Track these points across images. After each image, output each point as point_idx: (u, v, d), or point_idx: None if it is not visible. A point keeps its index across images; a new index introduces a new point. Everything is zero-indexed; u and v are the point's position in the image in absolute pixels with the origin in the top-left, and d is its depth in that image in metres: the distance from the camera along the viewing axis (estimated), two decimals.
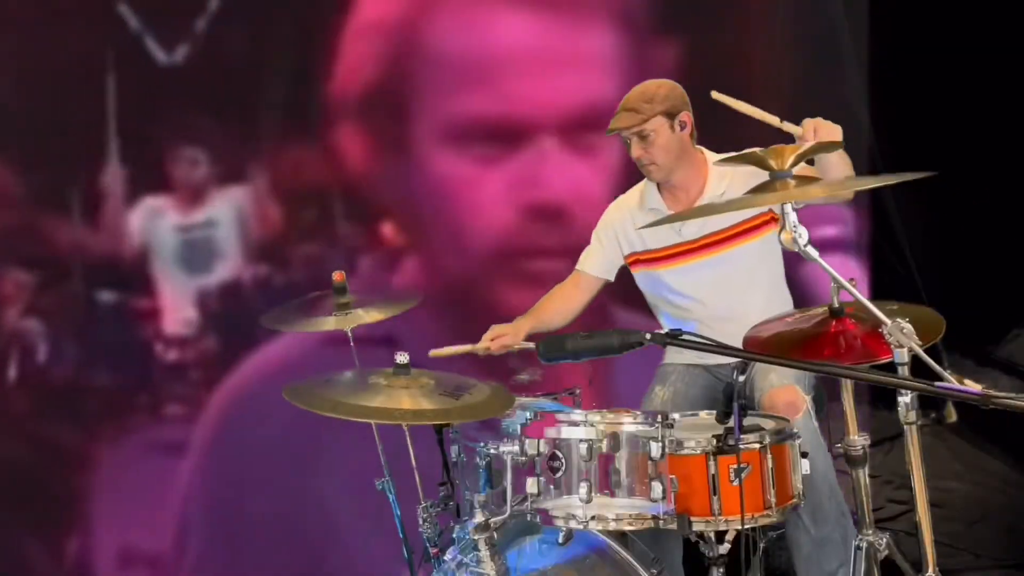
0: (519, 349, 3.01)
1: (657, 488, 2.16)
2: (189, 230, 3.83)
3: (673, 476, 2.19)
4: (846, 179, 2.59)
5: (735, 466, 2.19)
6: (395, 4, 4.07)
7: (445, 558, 2.46)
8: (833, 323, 2.27)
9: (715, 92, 2.67)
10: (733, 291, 2.96)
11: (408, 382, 2.35)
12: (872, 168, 4.58)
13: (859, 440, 2.38)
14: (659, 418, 2.21)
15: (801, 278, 3.40)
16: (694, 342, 1.90)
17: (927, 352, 1.85)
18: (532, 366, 2.98)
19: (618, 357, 2.01)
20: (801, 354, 2.25)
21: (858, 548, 2.37)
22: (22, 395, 3.66)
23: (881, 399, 4.31)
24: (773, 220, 2.90)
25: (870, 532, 2.38)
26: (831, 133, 2.48)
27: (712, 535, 2.28)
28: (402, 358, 2.38)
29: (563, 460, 2.22)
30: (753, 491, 2.23)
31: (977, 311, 4.09)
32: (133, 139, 3.72)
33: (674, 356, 3.10)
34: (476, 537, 2.23)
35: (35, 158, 3.66)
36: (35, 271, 3.67)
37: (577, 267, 3.19)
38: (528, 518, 2.28)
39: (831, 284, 2.14)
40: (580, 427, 2.23)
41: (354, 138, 4.01)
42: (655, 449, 2.17)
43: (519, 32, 4.16)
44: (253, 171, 3.92)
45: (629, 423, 2.22)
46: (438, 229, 4.13)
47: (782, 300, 3.01)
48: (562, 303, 3.15)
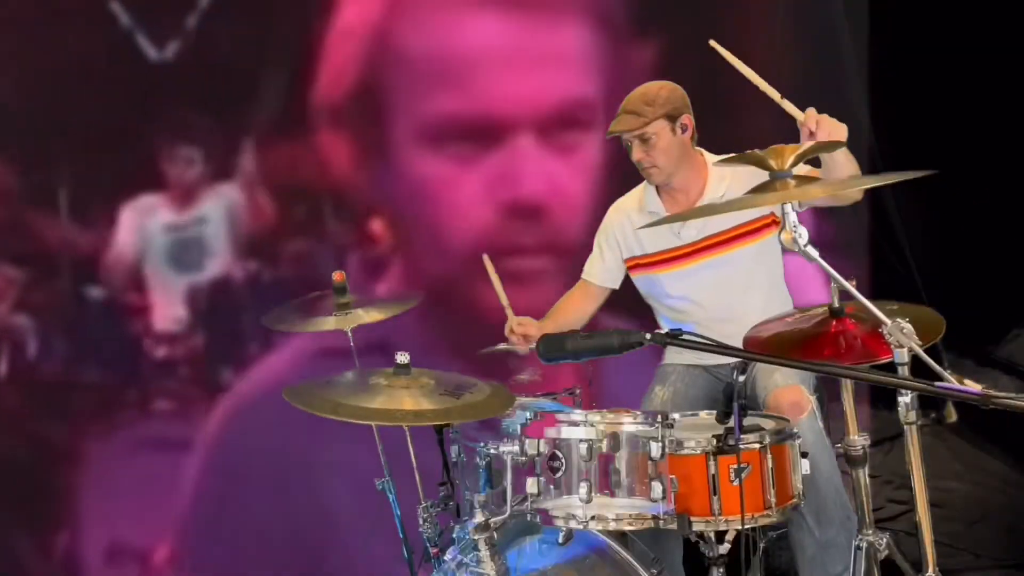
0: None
1: (657, 488, 2.16)
2: (178, 227, 3.83)
3: (673, 476, 2.19)
4: (846, 178, 2.57)
5: (735, 466, 2.19)
6: (374, 5, 4.06)
7: (445, 558, 2.46)
8: (833, 323, 2.27)
9: (713, 41, 2.51)
10: (732, 293, 2.95)
11: (409, 382, 2.35)
12: (872, 168, 4.57)
13: (859, 440, 2.39)
14: (659, 418, 2.21)
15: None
16: (694, 342, 1.89)
17: (927, 352, 1.85)
18: (532, 366, 2.99)
19: (618, 357, 2.01)
20: (801, 354, 2.26)
21: (858, 548, 2.38)
22: (11, 391, 3.65)
23: (881, 399, 4.30)
24: (774, 223, 2.89)
25: (870, 532, 2.38)
26: (836, 131, 2.37)
27: (712, 535, 2.28)
28: (403, 358, 2.38)
29: (563, 460, 2.22)
30: (753, 491, 2.23)
31: (977, 311, 4.09)
32: (123, 135, 3.71)
33: (674, 356, 3.09)
34: (476, 537, 2.23)
35: (24, 154, 3.65)
36: (24, 267, 3.66)
37: (583, 276, 3.19)
38: (528, 518, 2.28)
39: (831, 284, 2.15)
40: (580, 427, 2.23)
41: (338, 139, 4.01)
42: (655, 449, 2.17)
43: (494, 32, 4.15)
44: (243, 168, 3.92)
45: (629, 423, 2.22)
46: (419, 230, 4.12)
47: (781, 301, 3.00)
48: (574, 312, 3.14)
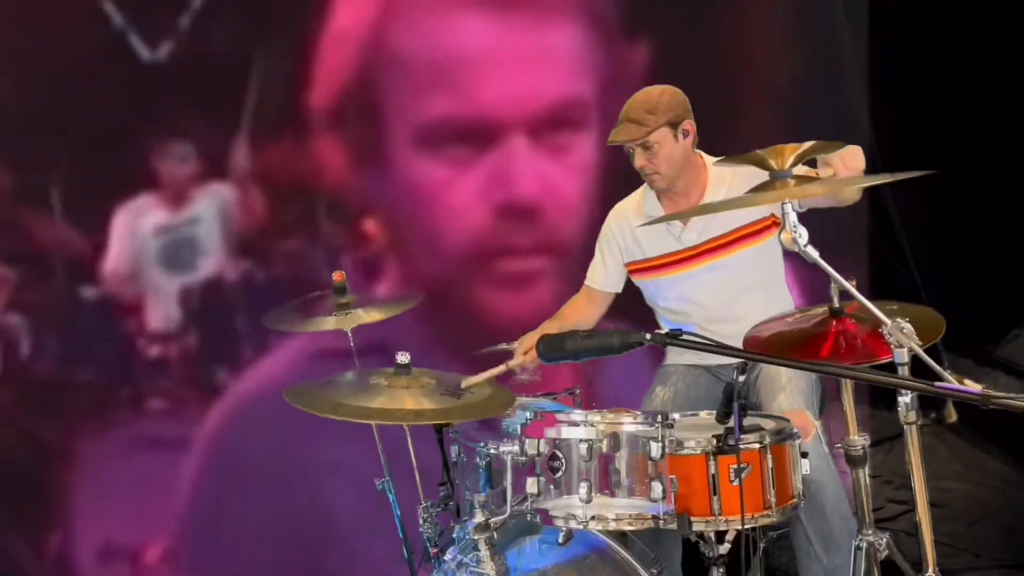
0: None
1: (657, 488, 2.16)
2: (172, 227, 3.82)
3: (673, 476, 2.19)
4: (846, 178, 2.57)
5: (735, 466, 2.19)
6: (367, 6, 4.06)
7: (445, 558, 2.46)
8: (833, 323, 2.27)
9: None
10: (733, 295, 2.95)
11: (409, 382, 2.35)
12: (872, 168, 4.56)
13: (859, 440, 2.38)
14: (659, 418, 2.21)
15: None
16: (695, 342, 1.89)
17: (927, 352, 1.85)
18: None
19: (618, 357, 2.00)
20: (801, 354, 2.25)
21: (858, 548, 2.37)
22: (4, 390, 3.63)
23: (881, 399, 4.30)
24: (774, 224, 2.87)
25: (870, 532, 2.38)
26: (851, 160, 2.51)
27: (712, 535, 2.28)
28: (403, 358, 2.38)
29: (563, 460, 2.22)
30: (753, 491, 2.23)
31: (977, 311, 4.08)
32: (116, 136, 3.70)
33: (675, 357, 3.09)
34: (476, 537, 2.23)
35: (18, 154, 3.64)
36: (18, 267, 3.65)
37: (586, 282, 3.18)
38: (528, 518, 2.28)
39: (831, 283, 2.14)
40: (580, 427, 2.22)
41: (331, 139, 4.01)
42: (655, 449, 2.17)
43: (487, 33, 4.14)
44: (236, 168, 3.91)
45: (629, 423, 2.22)
46: (413, 231, 4.12)
47: (781, 302, 2.99)
48: (578, 318, 3.13)
